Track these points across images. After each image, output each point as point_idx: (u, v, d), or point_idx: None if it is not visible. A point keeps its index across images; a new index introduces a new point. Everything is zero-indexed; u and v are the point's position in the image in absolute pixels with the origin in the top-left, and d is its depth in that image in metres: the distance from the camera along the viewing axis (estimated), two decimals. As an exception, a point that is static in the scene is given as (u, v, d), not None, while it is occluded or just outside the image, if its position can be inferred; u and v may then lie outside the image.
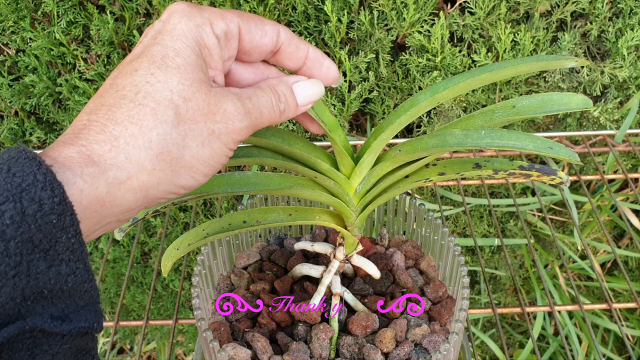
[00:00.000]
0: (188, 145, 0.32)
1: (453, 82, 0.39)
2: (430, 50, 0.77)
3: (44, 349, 0.28)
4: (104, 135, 0.30)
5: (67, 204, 0.28)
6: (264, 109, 0.36)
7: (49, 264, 0.27)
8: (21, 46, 0.77)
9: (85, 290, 0.29)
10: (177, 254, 0.45)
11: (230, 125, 0.34)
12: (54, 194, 0.27)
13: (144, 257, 1.04)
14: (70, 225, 0.28)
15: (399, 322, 0.48)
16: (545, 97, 0.41)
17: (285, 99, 0.37)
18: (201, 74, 0.34)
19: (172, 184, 0.33)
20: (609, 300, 0.65)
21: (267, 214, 0.45)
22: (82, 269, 0.29)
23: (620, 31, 0.77)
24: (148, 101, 0.31)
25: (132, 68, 0.33)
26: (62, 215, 0.27)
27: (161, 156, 0.31)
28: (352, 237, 0.47)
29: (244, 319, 0.50)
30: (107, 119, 0.31)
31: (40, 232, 0.27)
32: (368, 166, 0.43)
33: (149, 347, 1.20)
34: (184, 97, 0.32)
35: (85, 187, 0.29)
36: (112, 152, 0.30)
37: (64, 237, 0.28)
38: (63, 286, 0.28)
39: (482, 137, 0.40)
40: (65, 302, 0.29)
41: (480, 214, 0.99)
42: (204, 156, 0.33)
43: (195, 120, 0.32)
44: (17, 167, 0.27)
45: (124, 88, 0.32)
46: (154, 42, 0.33)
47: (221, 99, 0.34)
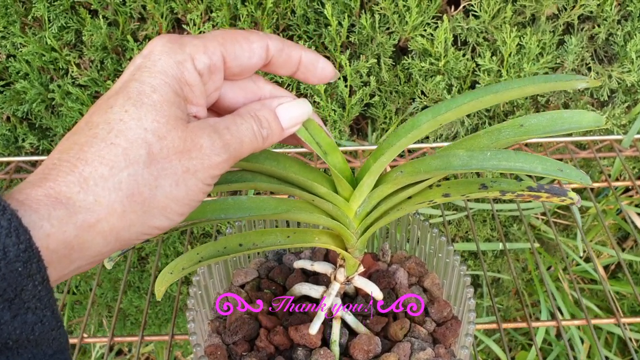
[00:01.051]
0: (161, 185, 0.31)
1: (456, 104, 0.37)
2: (434, 54, 0.75)
3: None
4: (73, 177, 0.29)
5: (34, 251, 0.26)
6: (244, 138, 0.34)
7: (13, 314, 0.26)
8: (11, 51, 0.75)
9: (53, 338, 0.28)
10: (171, 278, 0.43)
11: (206, 160, 0.32)
12: (19, 241, 0.26)
13: (141, 262, 1.02)
14: (36, 272, 0.27)
15: (402, 345, 0.47)
16: (555, 115, 0.39)
17: (268, 124, 0.36)
18: (178, 111, 0.32)
19: (145, 225, 0.31)
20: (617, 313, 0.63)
21: (264, 236, 0.44)
22: (50, 317, 0.28)
23: (628, 34, 0.75)
24: (120, 140, 0.30)
25: (107, 105, 0.31)
26: (27, 262, 0.26)
27: (132, 197, 0.30)
28: (353, 259, 0.45)
29: (242, 342, 0.48)
30: (77, 158, 0.30)
31: (5, 281, 0.26)
32: (368, 188, 0.41)
33: (147, 349, 1.19)
34: (158, 135, 0.31)
35: (53, 231, 0.28)
36: (80, 194, 0.29)
37: (30, 284, 0.26)
38: (29, 335, 0.27)
39: (488, 158, 0.38)
40: (32, 351, 0.27)
41: (484, 218, 0.97)
42: (179, 195, 0.32)
43: (169, 159, 0.31)
44: None
45: (97, 126, 0.30)
46: (132, 79, 0.32)
47: (197, 134, 0.32)
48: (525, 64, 0.74)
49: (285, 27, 0.76)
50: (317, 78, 0.38)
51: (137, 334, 0.62)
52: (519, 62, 0.74)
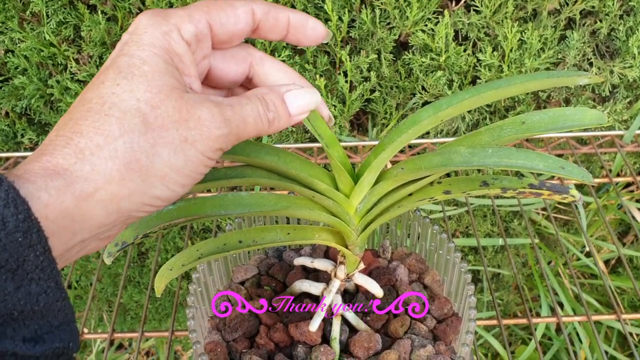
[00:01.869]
0: (158, 152, 0.30)
1: (457, 100, 0.37)
2: (434, 50, 0.74)
3: None
4: (69, 149, 0.29)
5: (33, 221, 0.27)
6: (248, 118, 0.33)
7: (17, 285, 0.26)
8: (10, 47, 0.74)
9: (59, 309, 0.28)
10: (170, 274, 0.43)
11: (205, 132, 0.32)
12: (18, 211, 0.26)
13: (141, 257, 1.02)
14: (37, 243, 0.27)
15: (402, 342, 0.47)
16: (557, 113, 0.39)
17: (274, 107, 0.35)
18: (172, 80, 0.32)
19: (145, 195, 0.31)
20: (617, 309, 0.63)
21: (264, 233, 0.43)
22: (54, 287, 0.28)
23: (631, 30, 0.74)
24: (114, 111, 0.30)
25: (99, 81, 0.31)
26: (27, 232, 0.26)
27: (129, 165, 0.30)
28: (354, 256, 0.45)
29: (242, 339, 0.48)
30: (72, 132, 0.30)
31: (6, 252, 0.26)
32: (368, 185, 0.41)
33: (148, 344, 1.19)
34: (151, 104, 0.31)
35: (51, 201, 0.28)
36: (77, 164, 0.29)
37: (32, 255, 0.27)
38: (34, 306, 0.27)
39: (489, 156, 0.38)
40: (38, 322, 0.27)
41: (484, 213, 0.97)
42: (178, 164, 0.31)
43: (165, 128, 0.31)
44: None
45: (90, 101, 0.31)
46: (121, 54, 0.32)
47: (195, 106, 0.32)
48: (526, 59, 0.73)
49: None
50: (309, 39, 0.38)
51: (138, 329, 0.62)
52: (521, 58, 0.74)
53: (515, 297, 1.09)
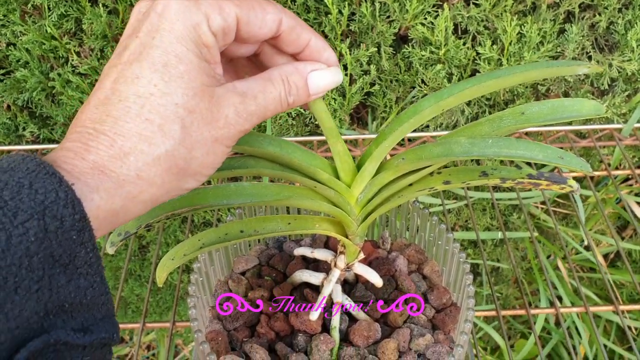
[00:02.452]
0: (194, 156, 0.33)
1: (458, 89, 0.37)
2: (434, 43, 0.74)
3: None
4: (114, 151, 0.31)
5: (87, 221, 0.29)
6: (269, 105, 0.35)
7: (68, 278, 0.28)
8: (11, 40, 0.75)
9: (102, 302, 0.30)
10: (172, 264, 0.43)
11: (232, 130, 0.34)
12: (75, 212, 0.28)
13: (142, 250, 1.03)
14: (88, 241, 0.29)
15: (401, 331, 0.47)
16: (556, 104, 0.39)
17: (296, 90, 0.36)
18: (205, 77, 0.33)
19: (179, 189, 0.34)
20: (615, 301, 0.64)
21: (265, 223, 0.44)
22: (99, 282, 0.30)
23: (629, 23, 0.75)
24: (154, 116, 0.31)
25: (132, 74, 0.32)
26: (81, 231, 0.28)
27: (170, 170, 0.32)
28: (354, 245, 0.45)
29: (242, 328, 0.49)
30: (114, 133, 0.31)
31: (61, 248, 0.28)
32: (369, 175, 0.41)
33: (149, 338, 1.19)
34: (188, 109, 0.32)
35: (102, 204, 0.30)
36: (123, 168, 0.31)
37: (83, 251, 0.29)
38: (82, 299, 0.29)
39: (489, 146, 0.38)
40: (84, 315, 0.29)
41: (483, 207, 0.97)
42: (208, 162, 0.34)
43: (200, 131, 0.33)
44: (39, 184, 0.28)
45: (127, 99, 0.31)
46: (153, 44, 0.32)
47: (223, 104, 0.34)
48: (525, 52, 0.74)
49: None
50: None
51: (139, 322, 0.62)
52: (520, 51, 0.74)
53: (515, 290, 1.10)
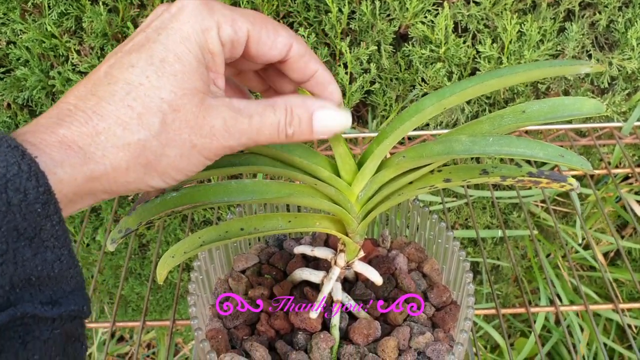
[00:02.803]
0: (166, 154, 0.32)
1: (461, 87, 0.37)
2: (434, 41, 0.74)
3: (35, 335, 0.28)
4: (87, 128, 0.31)
5: (51, 194, 0.28)
6: (264, 129, 0.34)
7: (34, 252, 0.28)
8: (12, 38, 0.74)
9: (71, 276, 0.30)
10: (172, 262, 0.43)
11: (214, 142, 0.33)
12: (39, 184, 0.28)
13: (142, 249, 1.03)
14: (54, 213, 0.29)
15: (401, 329, 0.47)
16: (556, 102, 0.39)
17: (298, 123, 0.35)
18: (199, 82, 0.33)
19: (142, 183, 0.33)
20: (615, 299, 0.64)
21: (265, 221, 0.44)
22: (67, 255, 0.29)
23: (629, 21, 0.75)
24: (137, 104, 0.31)
25: (129, 62, 0.32)
26: (46, 204, 0.28)
27: (137, 159, 0.32)
28: (354, 243, 0.45)
29: (243, 326, 0.49)
30: (93, 111, 0.31)
31: (25, 221, 0.27)
32: (370, 173, 0.41)
33: (149, 336, 1.19)
34: (173, 107, 0.32)
35: (65, 178, 0.30)
36: (92, 146, 0.31)
37: (49, 224, 0.28)
38: (50, 272, 0.29)
39: (490, 144, 0.38)
40: (52, 288, 0.29)
41: (483, 205, 0.97)
42: (180, 166, 0.33)
43: (179, 132, 0.32)
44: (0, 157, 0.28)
45: (117, 83, 0.32)
46: (157, 39, 0.32)
47: (212, 114, 0.33)
48: (525, 51, 0.74)
49: (286, 14, 0.76)
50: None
51: (139, 320, 0.62)
52: (520, 49, 0.74)
53: (515, 289, 1.10)
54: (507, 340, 0.58)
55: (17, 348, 0.28)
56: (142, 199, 0.39)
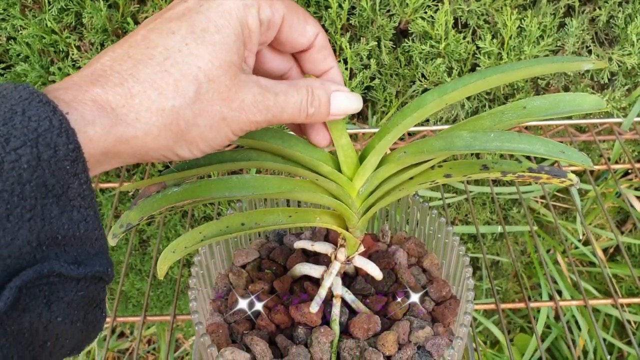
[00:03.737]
0: (197, 123, 0.32)
1: (462, 83, 0.37)
2: (434, 37, 0.74)
3: (59, 295, 0.28)
4: (122, 89, 0.30)
5: (80, 152, 0.28)
6: (287, 108, 0.36)
7: (61, 210, 0.28)
8: (12, 34, 0.74)
9: (96, 238, 0.30)
10: (173, 257, 0.43)
11: (243, 116, 0.34)
12: (69, 141, 0.27)
13: (142, 245, 1.03)
14: (82, 172, 0.28)
15: (401, 324, 0.47)
16: (557, 98, 0.39)
17: (318, 103, 0.37)
18: (234, 57, 0.33)
19: (170, 151, 0.33)
20: (614, 295, 0.64)
21: (266, 215, 0.44)
22: (92, 216, 0.29)
23: (630, 17, 0.75)
24: (174, 70, 0.31)
25: (169, 29, 0.32)
26: (75, 161, 0.28)
27: (169, 126, 0.32)
28: (354, 238, 0.45)
29: (243, 321, 0.49)
30: (129, 74, 0.31)
31: (54, 177, 0.27)
32: (371, 168, 0.41)
33: (149, 332, 1.19)
34: (209, 77, 0.32)
35: (96, 137, 0.29)
36: (125, 108, 0.30)
37: (76, 183, 0.28)
38: (75, 232, 0.28)
39: (491, 140, 0.38)
40: (77, 250, 0.29)
41: (483, 201, 0.98)
42: (209, 137, 0.33)
43: (211, 103, 0.33)
44: (32, 111, 0.27)
45: (156, 48, 0.32)
46: (199, 10, 0.33)
47: (243, 89, 0.34)
48: (525, 46, 0.74)
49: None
50: None
51: (140, 315, 0.62)
52: (520, 45, 0.74)
53: (514, 284, 1.10)
54: (507, 335, 0.59)
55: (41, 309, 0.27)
56: (143, 194, 0.39)
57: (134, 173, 0.90)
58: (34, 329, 0.27)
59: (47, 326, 0.28)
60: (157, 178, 0.40)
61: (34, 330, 0.27)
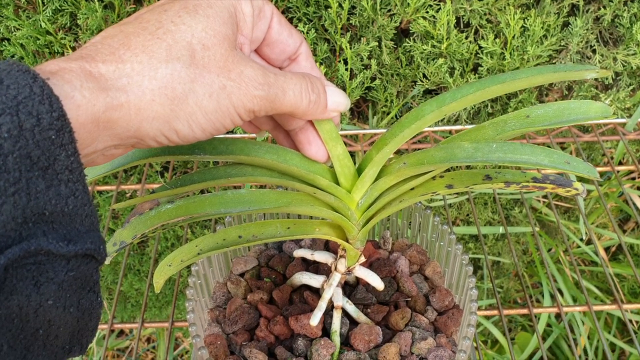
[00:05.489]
0: (194, 89, 0.31)
1: (461, 94, 0.36)
2: (436, 37, 0.73)
3: (49, 276, 0.26)
4: (112, 57, 0.29)
5: (66, 120, 0.26)
6: (289, 90, 0.34)
7: (48, 184, 0.26)
8: (5, 35, 0.73)
9: (86, 214, 0.28)
10: (169, 270, 0.42)
11: (244, 88, 0.32)
12: (52, 109, 0.25)
13: (140, 245, 1.02)
14: (69, 143, 0.26)
15: (403, 335, 0.46)
16: (561, 106, 0.38)
17: (317, 91, 0.36)
18: (229, 31, 0.33)
19: (167, 125, 0.31)
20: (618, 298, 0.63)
21: (263, 227, 0.43)
22: (82, 191, 0.27)
23: (635, 16, 0.73)
24: (167, 37, 0.31)
25: (162, 8, 0.32)
26: (60, 131, 0.26)
27: (163, 90, 0.30)
28: (354, 249, 0.45)
29: (242, 332, 0.48)
30: (120, 43, 0.30)
31: (39, 149, 0.25)
32: (370, 180, 0.40)
33: (149, 331, 1.19)
34: (203, 44, 0.31)
35: (83, 103, 0.27)
36: (115, 72, 0.29)
37: (63, 154, 0.26)
38: (64, 208, 0.26)
39: (494, 150, 0.37)
40: (67, 227, 0.27)
41: (485, 201, 0.97)
42: (208, 108, 0.31)
43: (208, 69, 0.31)
44: (11, 80, 0.25)
45: (148, 22, 0.31)
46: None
47: (241, 62, 0.33)
48: (529, 46, 0.72)
49: (285, 9, 0.75)
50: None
51: (138, 317, 0.62)
52: (523, 45, 0.73)
53: (515, 284, 1.09)
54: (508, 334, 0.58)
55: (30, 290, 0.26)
56: (136, 211, 0.38)
57: (131, 174, 0.89)
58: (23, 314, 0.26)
59: (38, 310, 0.26)
60: (150, 195, 0.39)
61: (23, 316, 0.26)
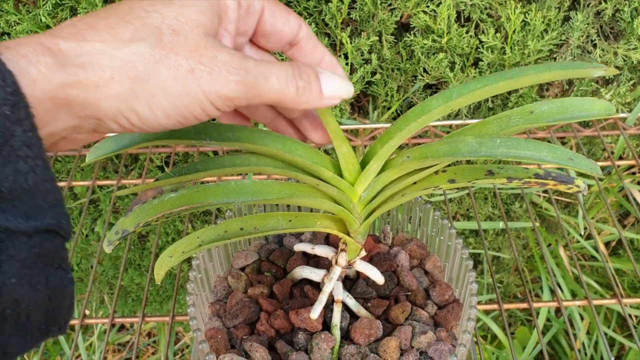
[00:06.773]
0: (158, 70, 0.29)
1: (468, 89, 0.36)
2: (436, 31, 0.73)
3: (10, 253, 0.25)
4: (75, 36, 0.28)
5: (21, 95, 0.25)
6: (271, 76, 0.31)
7: (5, 161, 0.25)
8: (5, 29, 0.73)
9: (48, 190, 0.27)
10: (170, 262, 0.42)
11: (215, 72, 0.30)
12: (6, 83, 0.25)
13: (141, 240, 1.02)
14: (25, 118, 0.25)
15: (403, 329, 0.47)
16: (565, 103, 0.38)
17: (307, 77, 0.33)
18: (206, 20, 0.31)
19: (126, 104, 0.29)
20: (617, 291, 0.63)
21: (265, 220, 0.43)
22: (42, 167, 0.26)
23: (636, 10, 0.73)
24: (135, 22, 0.29)
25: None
26: (15, 107, 0.25)
27: (124, 68, 0.29)
28: (355, 243, 0.45)
29: (242, 325, 0.48)
30: (86, 24, 0.29)
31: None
32: (374, 173, 0.40)
33: (149, 325, 1.19)
34: (172, 29, 0.30)
35: (39, 78, 0.27)
36: (75, 50, 0.28)
37: (19, 130, 0.25)
38: (23, 184, 0.25)
39: (497, 146, 0.37)
40: (28, 204, 0.26)
41: (485, 195, 0.97)
42: (173, 91, 0.29)
43: (176, 52, 0.29)
44: None
45: (119, 8, 0.30)
46: None
47: (216, 47, 0.30)
48: (529, 40, 0.72)
49: (285, 3, 0.75)
50: None
51: (139, 311, 0.62)
52: (524, 39, 0.73)
53: (516, 278, 1.09)
54: (508, 330, 0.58)
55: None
56: (139, 199, 0.38)
57: (132, 169, 0.89)
58: None
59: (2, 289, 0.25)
60: (153, 183, 0.39)
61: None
